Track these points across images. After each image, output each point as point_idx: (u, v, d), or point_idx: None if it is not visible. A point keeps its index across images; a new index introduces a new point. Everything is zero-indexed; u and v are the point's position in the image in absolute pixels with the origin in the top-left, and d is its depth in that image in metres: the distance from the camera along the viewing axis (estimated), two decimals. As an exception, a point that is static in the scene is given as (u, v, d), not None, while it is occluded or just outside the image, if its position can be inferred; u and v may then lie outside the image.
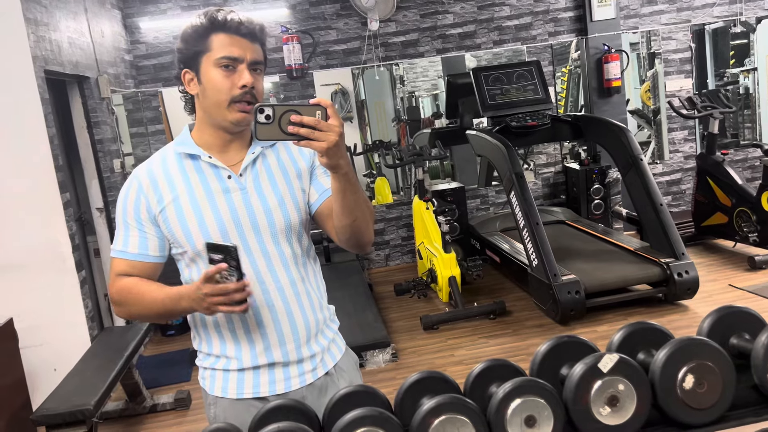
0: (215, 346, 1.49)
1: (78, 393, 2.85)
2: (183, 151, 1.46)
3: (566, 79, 6.40)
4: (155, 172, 1.46)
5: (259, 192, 1.45)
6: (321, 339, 1.54)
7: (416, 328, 4.46)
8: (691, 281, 4.18)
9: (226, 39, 1.37)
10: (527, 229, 4.27)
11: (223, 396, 1.49)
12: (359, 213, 1.37)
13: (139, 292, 1.42)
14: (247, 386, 1.47)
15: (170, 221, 1.43)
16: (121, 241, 1.46)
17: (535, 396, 1.02)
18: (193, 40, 1.39)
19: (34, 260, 3.56)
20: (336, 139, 1.21)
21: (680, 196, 6.49)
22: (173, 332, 5.01)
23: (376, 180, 6.24)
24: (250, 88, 1.38)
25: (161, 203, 1.43)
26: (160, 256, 1.47)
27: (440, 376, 1.17)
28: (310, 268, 1.54)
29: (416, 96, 6.30)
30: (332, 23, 5.87)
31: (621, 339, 1.20)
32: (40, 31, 3.70)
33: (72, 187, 4.51)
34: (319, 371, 1.53)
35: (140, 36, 5.70)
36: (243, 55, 1.37)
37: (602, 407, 1.03)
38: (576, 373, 1.04)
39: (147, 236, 1.44)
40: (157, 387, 3.99)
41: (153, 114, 5.78)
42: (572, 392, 1.03)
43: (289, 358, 1.48)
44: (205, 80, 1.39)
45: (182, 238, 1.43)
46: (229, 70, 1.37)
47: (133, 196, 1.45)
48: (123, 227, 1.46)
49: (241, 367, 1.47)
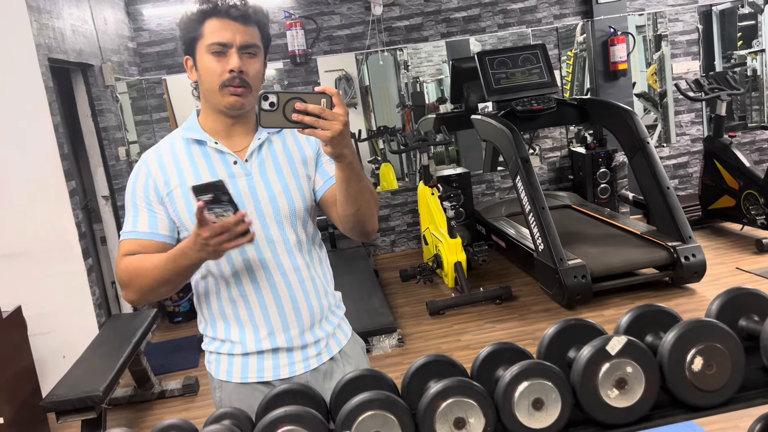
0: (220, 331, 1.50)
1: (87, 380, 2.87)
2: (190, 137, 1.47)
3: (572, 63, 6.35)
4: (163, 157, 1.47)
5: (264, 178, 1.45)
6: (326, 325, 1.55)
7: (422, 314, 4.47)
8: (698, 265, 4.16)
9: (217, 24, 1.37)
10: (533, 214, 4.26)
11: (228, 380, 1.50)
12: (363, 202, 1.38)
13: (142, 264, 1.39)
14: (252, 370, 1.48)
15: (177, 204, 1.43)
16: (131, 223, 1.45)
17: (543, 379, 1.01)
18: (188, 28, 1.41)
19: (41, 248, 3.57)
20: (341, 128, 1.20)
21: (687, 179, 6.45)
22: (180, 319, 5.03)
23: (380, 166, 6.22)
24: (238, 72, 1.37)
25: (168, 186, 1.44)
26: (170, 236, 1.45)
27: (447, 359, 1.17)
28: (315, 255, 1.54)
29: (421, 81, 6.26)
30: (336, 8, 5.83)
31: (629, 321, 1.19)
32: (43, 18, 3.68)
33: (77, 176, 4.52)
34: (324, 356, 1.53)
35: (143, 23, 5.68)
36: (232, 40, 1.37)
37: (610, 390, 1.02)
38: (584, 356, 1.04)
39: (157, 216, 1.44)
40: (165, 373, 4.01)
41: (157, 101, 5.77)
42: (580, 375, 1.03)
43: (293, 343, 1.48)
44: (200, 66, 1.41)
45: (188, 221, 1.43)
46: (220, 56, 1.37)
47: (143, 179, 1.46)
48: (132, 209, 1.46)
49: (245, 352, 1.48)
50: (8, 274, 3.39)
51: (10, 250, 3.49)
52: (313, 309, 1.50)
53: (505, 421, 1.01)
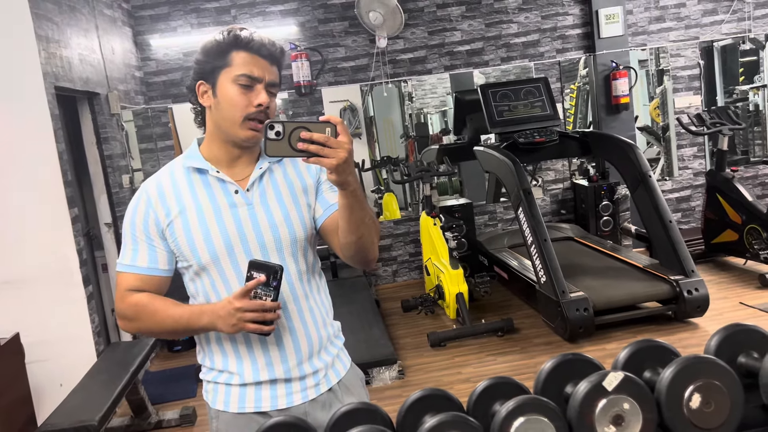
0: (217, 361, 1.49)
1: (83, 408, 2.84)
2: (191, 165, 1.46)
3: (575, 96, 6.40)
4: (163, 186, 1.46)
5: (266, 207, 1.45)
6: (324, 355, 1.53)
7: (423, 345, 4.43)
8: (700, 299, 4.13)
9: (247, 57, 1.38)
10: (535, 246, 4.25)
11: (225, 410, 1.48)
12: (365, 230, 1.38)
13: (154, 309, 1.42)
14: (249, 401, 1.47)
15: (177, 235, 1.43)
16: (129, 256, 1.46)
17: (539, 414, 1.00)
18: (214, 54, 1.41)
19: (42, 275, 3.57)
20: (345, 156, 1.21)
21: (690, 213, 6.44)
22: (180, 348, 5.00)
23: (383, 196, 6.24)
24: (264, 108, 1.39)
25: (168, 217, 1.43)
26: (168, 269, 1.47)
27: (443, 393, 1.15)
28: (314, 284, 1.54)
29: (425, 112, 6.32)
30: (341, 40, 5.91)
31: (627, 357, 1.18)
32: (51, 48, 3.74)
33: (81, 203, 4.54)
34: (322, 387, 1.52)
35: (150, 53, 5.76)
36: (262, 76, 1.39)
37: (607, 426, 1.01)
38: (580, 391, 1.02)
39: (156, 250, 1.45)
40: (162, 403, 3.97)
41: (162, 130, 5.83)
42: (576, 411, 1.01)
43: (291, 374, 1.47)
44: (221, 95, 1.40)
45: (188, 251, 1.43)
46: (247, 89, 1.38)
47: (142, 209, 1.45)
48: (131, 241, 1.46)
49: (243, 383, 1.46)
50: (7, 301, 3.38)
51: (10, 276, 3.48)
52: (312, 340, 1.49)
53: (500, 458, 0.99)
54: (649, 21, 6.19)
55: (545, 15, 6.09)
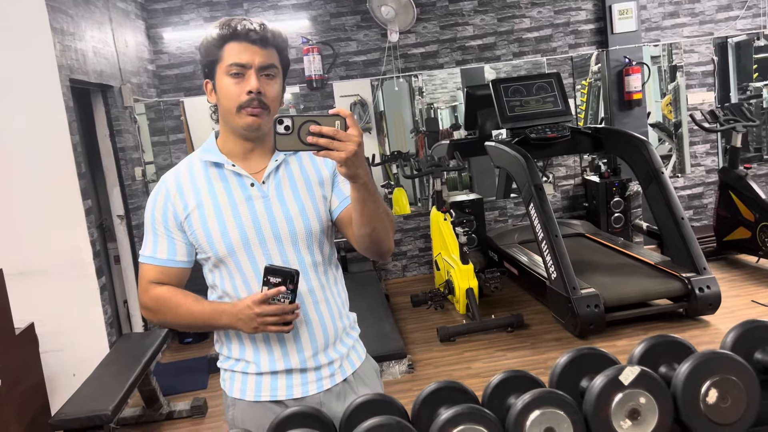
0: (235, 350, 1.51)
1: (96, 398, 2.87)
2: (208, 159, 1.48)
3: (586, 92, 6.37)
4: (182, 179, 1.49)
5: (281, 200, 1.46)
6: (340, 346, 1.55)
7: (433, 340, 4.44)
8: (712, 296, 4.11)
9: (236, 47, 1.38)
10: (546, 242, 4.24)
11: (241, 398, 1.50)
12: (378, 223, 1.38)
13: (176, 303, 1.46)
14: (265, 389, 1.49)
15: (194, 227, 1.45)
16: (150, 248, 1.50)
17: (555, 408, 1.00)
18: (208, 52, 1.42)
19: (56, 266, 3.60)
20: (355, 149, 1.21)
21: (702, 210, 6.41)
22: (191, 340, 5.03)
23: (393, 191, 6.24)
24: (256, 94, 1.38)
25: (186, 210, 1.45)
26: (188, 261, 1.50)
27: (458, 386, 1.16)
28: (331, 276, 1.55)
29: (435, 107, 6.31)
30: (352, 35, 5.91)
31: (642, 351, 1.18)
32: (66, 40, 3.76)
33: (94, 195, 4.57)
34: (338, 377, 1.53)
35: (163, 46, 5.78)
36: (251, 61, 1.38)
37: (623, 420, 1.01)
38: (596, 385, 1.03)
39: (175, 242, 1.48)
40: (174, 394, 4.00)
41: (174, 123, 5.85)
42: (592, 404, 1.01)
43: (306, 364, 1.49)
44: (219, 88, 1.42)
45: (205, 244, 1.45)
46: (239, 77, 1.38)
47: (161, 203, 1.48)
48: (152, 234, 1.49)
49: (259, 371, 1.49)
50: (22, 291, 3.41)
51: (24, 268, 3.52)
52: (328, 331, 1.51)
53: (516, 450, 1.00)
54: (663, 16, 6.15)
55: (558, 10, 6.06)
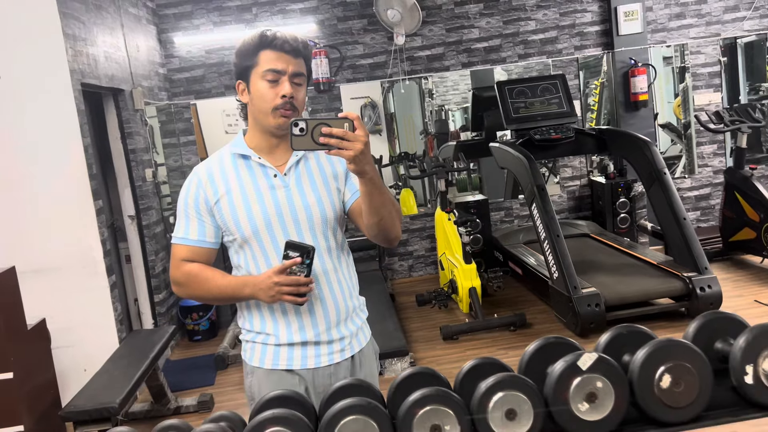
0: (256, 324, 1.68)
1: (104, 391, 2.97)
2: (237, 152, 1.67)
3: (598, 92, 6.39)
4: (212, 169, 1.67)
5: (300, 190, 1.64)
6: (350, 324, 1.72)
7: (436, 338, 4.50)
8: (714, 296, 4.14)
9: (272, 55, 1.58)
10: (548, 241, 4.29)
11: (260, 366, 1.68)
12: (385, 212, 1.55)
13: (205, 277, 1.64)
14: (282, 359, 1.66)
15: (223, 211, 1.63)
16: (182, 229, 1.67)
17: (516, 391, 1.07)
18: (244, 56, 1.61)
19: (68, 264, 3.71)
20: (362, 148, 1.38)
21: (709, 211, 6.41)
22: (200, 337, 5.13)
23: (401, 191, 6.31)
24: (289, 98, 1.58)
25: (216, 195, 1.64)
26: (215, 242, 1.68)
27: (432, 372, 1.23)
28: (343, 260, 1.72)
29: (445, 109, 6.37)
30: (359, 38, 5.99)
31: (607, 341, 1.24)
32: (78, 46, 3.88)
33: (105, 195, 4.69)
34: (347, 353, 1.71)
35: (174, 50, 5.90)
36: (285, 68, 1.58)
37: (581, 403, 1.07)
38: (556, 370, 1.09)
39: (205, 225, 1.66)
40: (181, 390, 4.10)
41: (185, 125, 5.96)
42: (552, 388, 1.08)
43: (320, 338, 1.66)
44: (254, 90, 1.61)
45: (232, 226, 1.63)
46: (273, 83, 1.58)
47: (194, 189, 1.66)
48: (184, 217, 1.67)
49: (278, 343, 1.66)
50: (35, 289, 3.52)
51: (37, 266, 3.63)
52: (339, 308, 1.68)
53: (480, 430, 1.06)
54: (669, 18, 6.17)
55: (563, 12, 6.10)
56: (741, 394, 1.11)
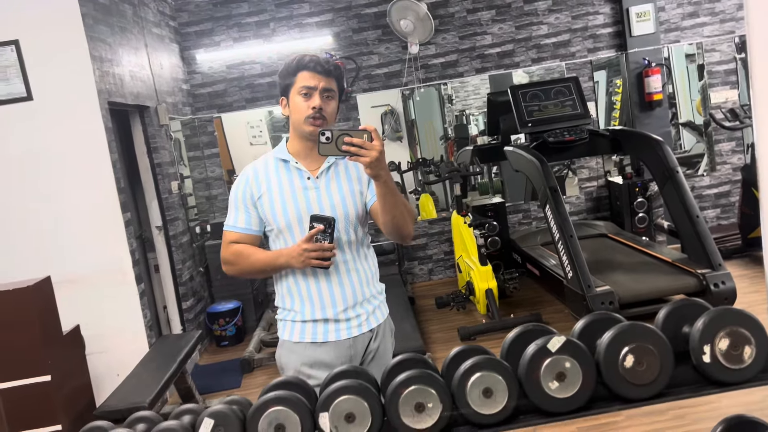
0: (287, 303, 1.99)
1: (135, 392, 3.14)
2: (279, 157, 1.98)
3: (620, 91, 6.43)
4: (258, 170, 1.99)
5: (328, 191, 1.94)
6: (366, 305, 2.00)
7: (454, 339, 4.60)
8: (727, 292, 4.16)
9: (307, 74, 1.89)
10: (562, 242, 4.36)
11: (288, 339, 1.98)
12: (398, 212, 1.84)
13: (248, 253, 1.95)
14: (307, 333, 1.96)
15: (264, 205, 1.94)
16: (232, 218, 1.99)
17: (492, 371, 1.19)
18: (285, 76, 1.94)
19: (99, 274, 3.91)
20: (377, 155, 1.66)
21: (729, 208, 6.40)
22: (227, 343, 5.30)
23: (420, 196, 6.42)
24: (318, 109, 1.88)
25: (259, 192, 1.95)
26: (258, 230, 1.99)
27: (420, 358, 1.35)
28: (362, 252, 2.01)
29: (466, 114, 6.46)
30: (374, 48, 6.14)
31: (582, 327, 1.35)
32: (105, 66, 4.09)
33: (133, 208, 4.89)
34: (364, 327, 1.98)
35: (196, 66, 6.11)
36: (316, 84, 1.89)
37: (551, 382, 1.19)
38: (529, 352, 1.21)
39: (250, 215, 1.97)
40: (210, 393, 4.26)
41: (208, 138, 6.17)
42: (525, 368, 1.20)
43: (338, 317, 1.94)
44: (292, 104, 1.93)
45: (270, 218, 1.94)
46: (307, 97, 1.89)
47: (242, 186, 1.98)
48: (234, 209, 1.99)
49: (303, 320, 1.95)
50: (69, 297, 3.70)
51: (70, 276, 3.83)
52: (356, 293, 1.96)
53: (460, 407, 1.18)
54: (682, 17, 6.20)
55: (575, 15, 6.17)
56: (701, 372, 1.21)
